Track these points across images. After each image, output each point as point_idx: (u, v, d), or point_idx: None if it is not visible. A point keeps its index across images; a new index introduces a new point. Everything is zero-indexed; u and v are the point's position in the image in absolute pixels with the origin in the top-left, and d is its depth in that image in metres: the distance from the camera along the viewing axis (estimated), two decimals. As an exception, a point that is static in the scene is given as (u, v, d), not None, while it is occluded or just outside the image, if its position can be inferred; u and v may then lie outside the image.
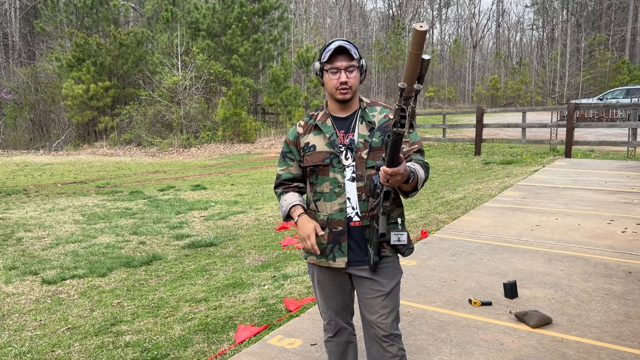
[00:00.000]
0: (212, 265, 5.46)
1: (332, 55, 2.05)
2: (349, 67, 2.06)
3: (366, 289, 2.15)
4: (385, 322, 2.12)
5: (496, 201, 7.37)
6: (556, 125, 13.22)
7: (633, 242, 5.22)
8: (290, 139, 2.25)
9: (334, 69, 2.07)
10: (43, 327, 4.01)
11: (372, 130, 2.13)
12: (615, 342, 3.12)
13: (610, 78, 33.34)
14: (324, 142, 2.15)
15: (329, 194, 2.13)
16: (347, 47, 2.05)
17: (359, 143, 2.11)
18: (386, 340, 2.13)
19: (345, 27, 42.96)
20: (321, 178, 2.15)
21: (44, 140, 24.03)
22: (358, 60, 2.09)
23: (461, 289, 4.00)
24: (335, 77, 2.07)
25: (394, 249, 2.16)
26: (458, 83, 49.71)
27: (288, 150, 2.26)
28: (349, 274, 2.20)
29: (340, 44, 2.05)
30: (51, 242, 6.66)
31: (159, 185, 11.81)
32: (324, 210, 2.16)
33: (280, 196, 2.28)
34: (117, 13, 26.04)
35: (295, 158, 2.24)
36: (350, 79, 2.07)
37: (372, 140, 2.11)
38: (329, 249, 2.15)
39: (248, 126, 21.19)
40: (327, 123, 2.17)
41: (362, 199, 2.10)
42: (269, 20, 24.67)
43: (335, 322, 2.30)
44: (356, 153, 2.11)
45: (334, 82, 2.08)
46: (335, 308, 2.28)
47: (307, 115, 2.27)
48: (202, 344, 3.38)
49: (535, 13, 53.19)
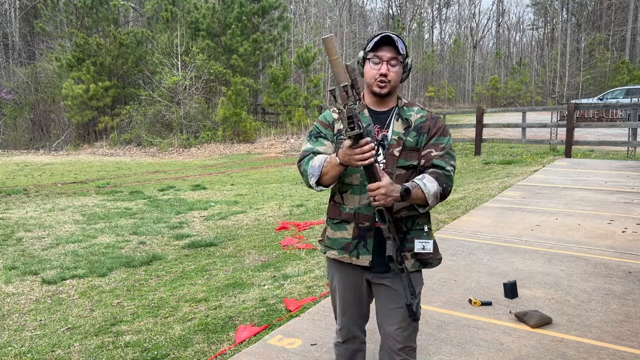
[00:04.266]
0: (212, 265, 5.46)
1: (377, 44, 1.95)
2: (392, 59, 1.96)
3: (385, 299, 2.07)
4: (402, 335, 2.06)
5: (496, 201, 7.37)
6: (556, 125, 13.23)
7: (633, 242, 5.22)
8: (325, 121, 2.11)
9: (377, 58, 1.97)
10: (43, 327, 4.01)
11: (408, 128, 2.03)
12: (615, 342, 3.12)
13: (610, 78, 33.34)
14: None
15: (358, 186, 2.02)
16: (394, 39, 1.95)
17: (392, 140, 2.02)
18: (400, 354, 2.07)
19: (345, 27, 42.92)
20: (351, 169, 2.00)
21: (44, 140, 24.02)
22: (404, 56, 1.99)
23: (461, 289, 4.00)
24: (377, 67, 1.97)
25: (418, 262, 2.06)
26: (458, 83, 49.71)
27: (320, 131, 2.10)
28: (368, 281, 2.12)
29: (388, 34, 1.95)
30: (51, 242, 6.66)
31: (159, 185, 11.80)
32: (351, 203, 2.05)
33: (308, 163, 2.02)
34: (117, 13, 26.05)
35: (330, 139, 2.07)
36: (391, 72, 1.97)
37: (406, 139, 2.02)
38: (354, 244, 2.05)
39: (248, 126, 21.19)
40: (364, 113, 2.05)
41: None
42: (269, 20, 24.67)
43: (347, 329, 2.21)
44: (388, 150, 2.01)
45: (373, 72, 1.98)
46: (351, 315, 2.18)
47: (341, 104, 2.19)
48: (202, 344, 3.38)
49: (535, 13, 53.20)
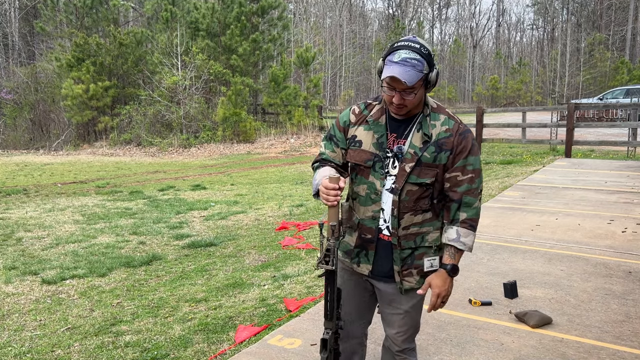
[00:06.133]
0: (212, 265, 5.46)
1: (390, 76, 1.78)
2: (406, 89, 1.80)
3: (386, 304, 2.07)
4: (400, 339, 2.08)
5: (496, 201, 7.37)
6: (556, 125, 13.22)
7: (633, 242, 5.22)
8: (341, 123, 2.02)
9: (389, 85, 1.82)
10: (43, 327, 4.01)
11: (427, 143, 1.88)
12: (615, 342, 3.12)
13: (610, 78, 33.35)
14: (371, 141, 1.93)
15: (364, 197, 1.95)
16: (403, 81, 1.74)
17: (408, 153, 1.88)
18: (399, 355, 2.11)
19: (345, 27, 42.93)
20: (360, 179, 1.96)
21: (43, 140, 24.01)
22: (425, 76, 1.81)
23: (461, 289, 4.00)
24: (391, 94, 1.83)
25: (423, 279, 2.01)
26: (458, 83, 49.71)
27: (335, 134, 2.03)
28: (371, 284, 2.09)
29: (396, 75, 1.74)
30: (51, 242, 6.66)
31: (159, 185, 11.80)
32: (357, 212, 2.00)
33: (316, 170, 2.01)
34: (117, 13, 26.03)
35: (341, 145, 2.01)
36: (407, 100, 1.82)
37: (422, 154, 1.87)
38: (355, 252, 2.03)
39: (248, 126, 21.18)
40: (380, 121, 1.93)
41: (394, 215, 1.91)
42: (268, 20, 24.65)
43: (346, 330, 2.15)
44: (401, 164, 1.89)
45: (388, 98, 1.85)
46: (349, 311, 2.13)
47: (364, 102, 2.02)
48: (202, 344, 3.38)
49: (536, 13, 53.19)
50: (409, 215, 1.92)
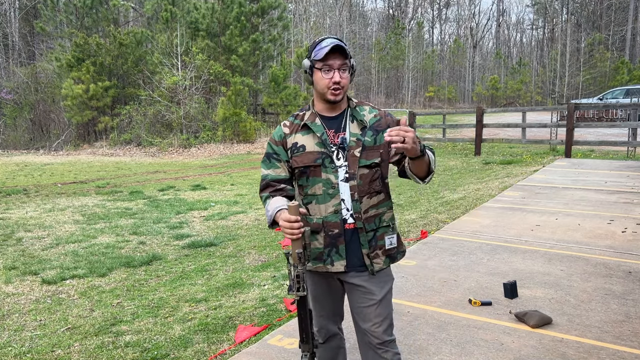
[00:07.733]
0: (212, 265, 5.46)
1: (327, 53, 1.96)
2: (342, 65, 1.98)
3: (358, 297, 2.10)
4: (378, 330, 2.09)
5: (496, 201, 7.37)
6: (556, 125, 13.23)
7: (633, 242, 5.22)
8: (276, 139, 2.13)
9: (327, 66, 1.98)
10: (43, 327, 4.01)
11: (364, 129, 2.08)
12: (615, 342, 3.12)
13: (610, 78, 33.36)
14: (314, 141, 2.06)
15: (322, 195, 2.05)
16: (342, 46, 1.97)
17: (352, 142, 2.05)
18: (381, 347, 2.11)
19: (345, 27, 42.94)
20: (312, 179, 2.06)
21: (44, 140, 24.01)
22: (349, 59, 2.02)
23: (461, 289, 4.00)
24: (328, 76, 1.99)
25: (388, 259, 2.12)
26: (458, 83, 49.71)
27: (273, 151, 2.13)
28: (340, 280, 2.15)
29: (336, 43, 1.96)
30: (51, 242, 6.66)
31: (159, 185, 11.80)
32: (317, 213, 2.07)
33: (266, 200, 2.10)
34: (117, 13, 26.03)
35: (282, 159, 2.11)
36: (343, 79, 1.99)
37: (364, 139, 2.05)
38: (326, 253, 2.07)
39: (248, 126, 21.18)
40: (316, 122, 2.08)
41: (355, 199, 2.04)
42: (268, 20, 24.66)
43: (326, 329, 2.26)
44: (348, 152, 2.04)
45: (326, 82, 1.99)
46: (326, 313, 2.23)
47: (291, 116, 2.17)
48: (202, 344, 3.38)
49: (535, 13, 53.20)
50: (366, 199, 2.06)
